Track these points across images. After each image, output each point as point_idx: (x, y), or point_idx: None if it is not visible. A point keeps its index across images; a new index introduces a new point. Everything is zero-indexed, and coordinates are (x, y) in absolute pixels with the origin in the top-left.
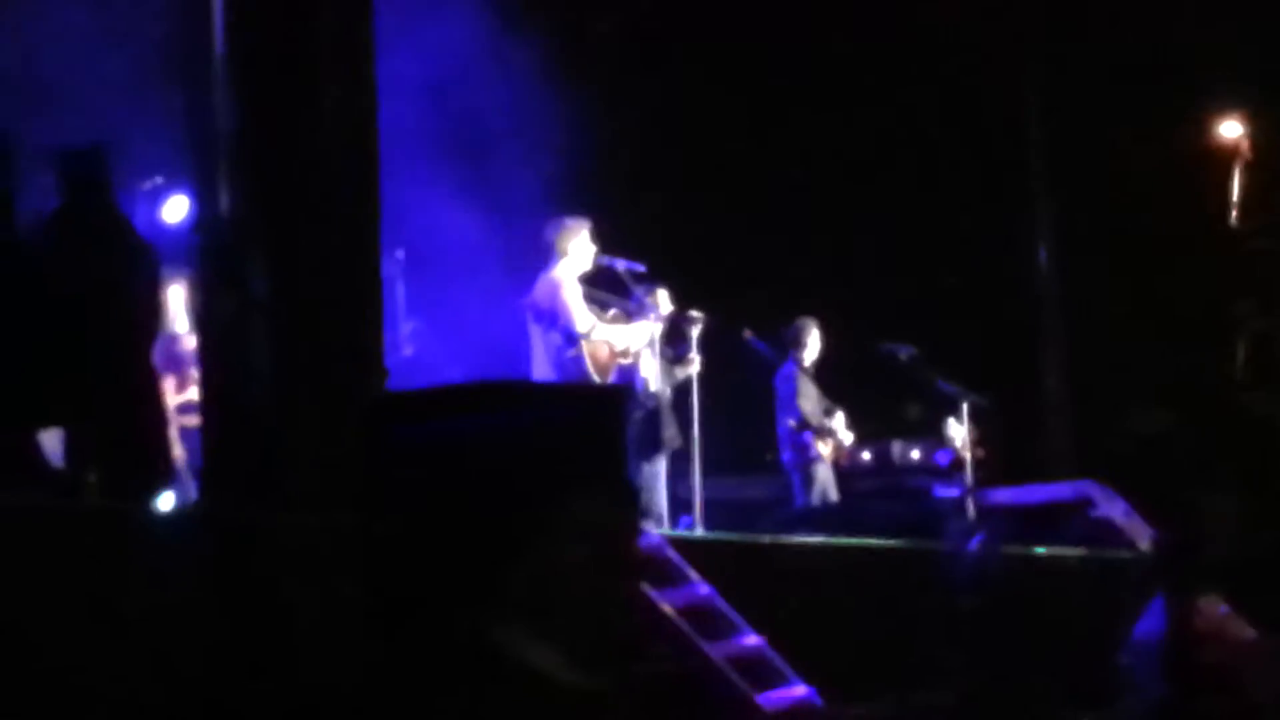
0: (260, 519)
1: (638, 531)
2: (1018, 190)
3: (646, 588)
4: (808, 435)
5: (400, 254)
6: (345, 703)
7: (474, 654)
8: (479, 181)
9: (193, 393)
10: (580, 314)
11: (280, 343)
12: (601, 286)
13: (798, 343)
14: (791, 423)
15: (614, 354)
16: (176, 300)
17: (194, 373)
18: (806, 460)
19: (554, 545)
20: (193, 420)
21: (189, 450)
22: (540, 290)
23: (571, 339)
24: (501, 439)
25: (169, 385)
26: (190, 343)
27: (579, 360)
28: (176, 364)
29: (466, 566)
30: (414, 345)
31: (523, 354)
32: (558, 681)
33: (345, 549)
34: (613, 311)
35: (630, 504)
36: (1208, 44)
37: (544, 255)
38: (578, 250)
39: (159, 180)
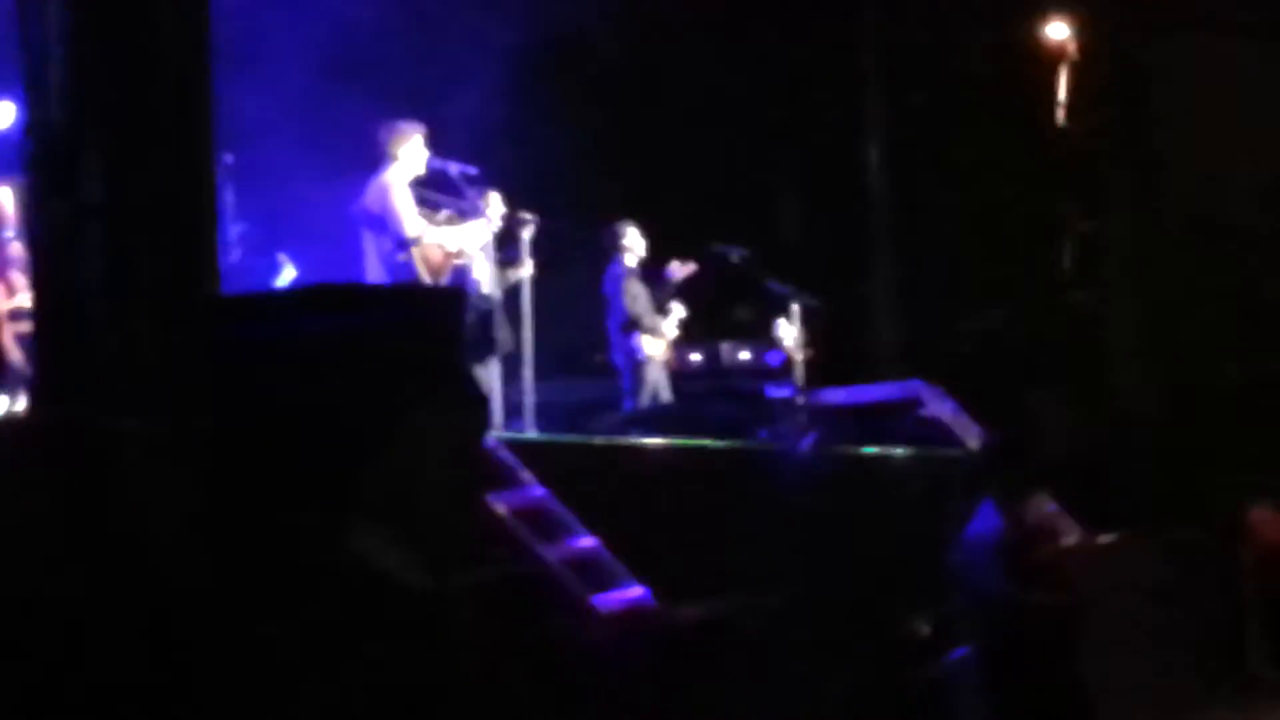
0: (96, 424)
1: (483, 434)
2: (848, 91)
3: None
4: (635, 336)
5: (229, 158)
6: (191, 608)
7: (321, 556)
8: (309, 86)
9: (21, 299)
10: (410, 218)
11: (113, 248)
12: (434, 189)
13: (617, 245)
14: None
15: (447, 257)
16: (6, 205)
17: (23, 279)
18: (636, 361)
19: (401, 448)
20: (24, 326)
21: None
22: (371, 194)
23: (402, 243)
24: (341, 342)
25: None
26: (19, 248)
27: (410, 264)
28: (4, 271)
29: (312, 470)
30: (242, 249)
31: (354, 258)
32: (405, 584)
33: (184, 454)
34: (445, 213)
35: (475, 407)
36: None
37: (376, 159)
38: (409, 154)
39: None
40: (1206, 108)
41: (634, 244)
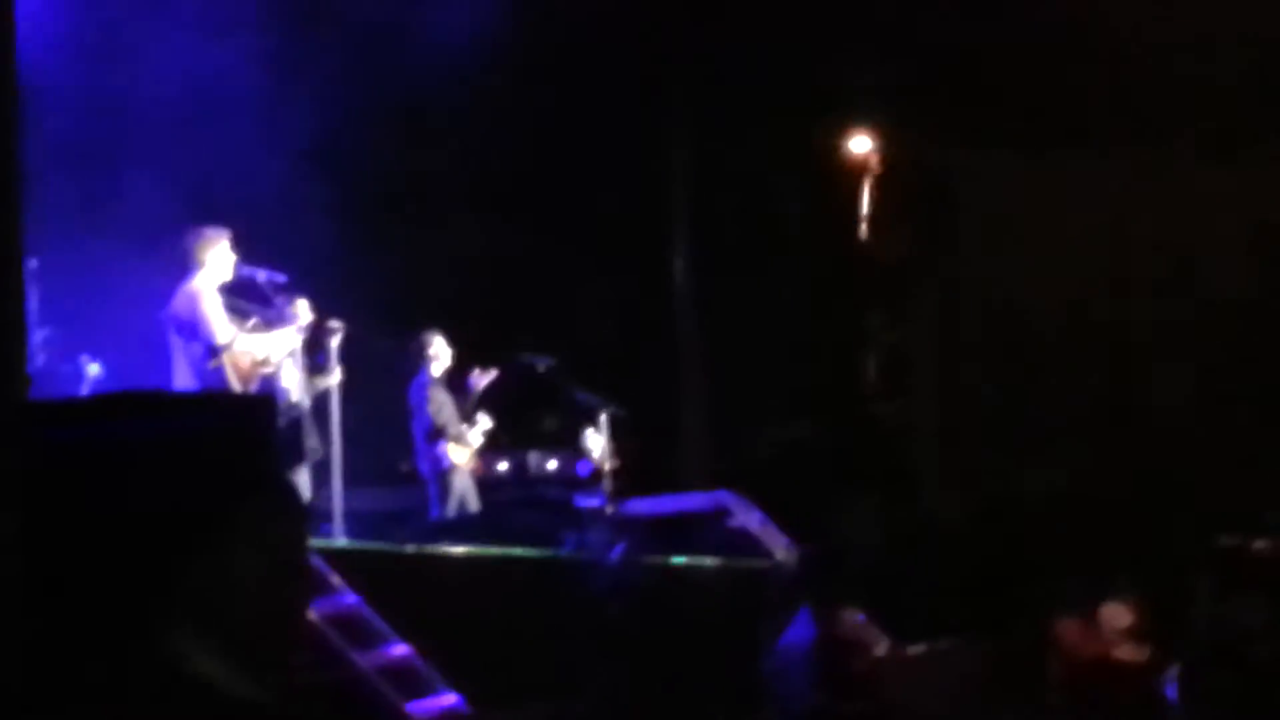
0: None
1: (306, 538)
2: (657, 202)
3: None
4: (441, 444)
5: (34, 262)
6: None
7: (139, 660)
8: (116, 191)
9: None
10: (220, 325)
11: None
12: (241, 296)
13: (423, 354)
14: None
15: (255, 364)
16: None
17: None
18: (441, 470)
19: (222, 553)
20: None
21: None
22: (180, 301)
23: (213, 350)
24: (153, 447)
25: None
26: None
27: (220, 371)
28: None
29: (127, 573)
30: (46, 354)
31: (162, 365)
32: (224, 691)
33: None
34: (253, 320)
35: (297, 511)
36: (842, 60)
37: (183, 265)
38: (217, 260)
39: None
40: (1007, 221)
41: (440, 353)
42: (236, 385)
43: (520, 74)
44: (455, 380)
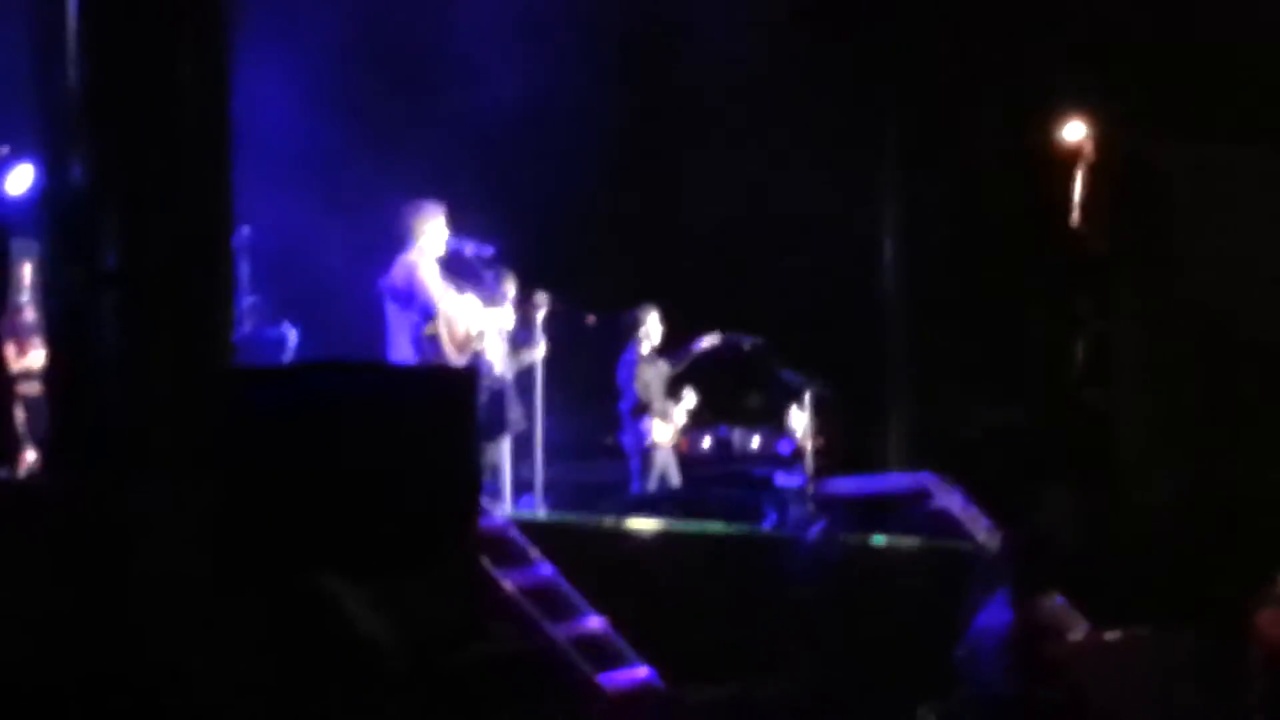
0: (108, 491)
1: (478, 514)
2: (867, 183)
3: (490, 567)
4: (645, 420)
5: (246, 230)
6: (191, 674)
7: (322, 625)
8: (330, 166)
9: (32, 359)
10: (438, 291)
11: (128, 316)
12: (452, 270)
13: (636, 329)
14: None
15: (469, 335)
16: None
17: (34, 340)
18: (643, 445)
19: (408, 523)
20: (32, 388)
21: (29, 418)
22: (398, 271)
23: (428, 316)
24: (353, 415)
25: (9, 352)
26: (30, 311)
27: (435, 339)
28: (15, 331)
29: (319, 539)
30: (253, 321)
31: (377, 334)
32: (381, 651)
33: (195, 519)
34: (466, 294)
35: (473, 487)
36: (1056, 46)
37: (399, 238)
38: (432, 233)
39: (5, 150)
40: (1220, 211)
41: (652, 329)
42: (452, 353)
43: (732, 57)
44: (664, 356)
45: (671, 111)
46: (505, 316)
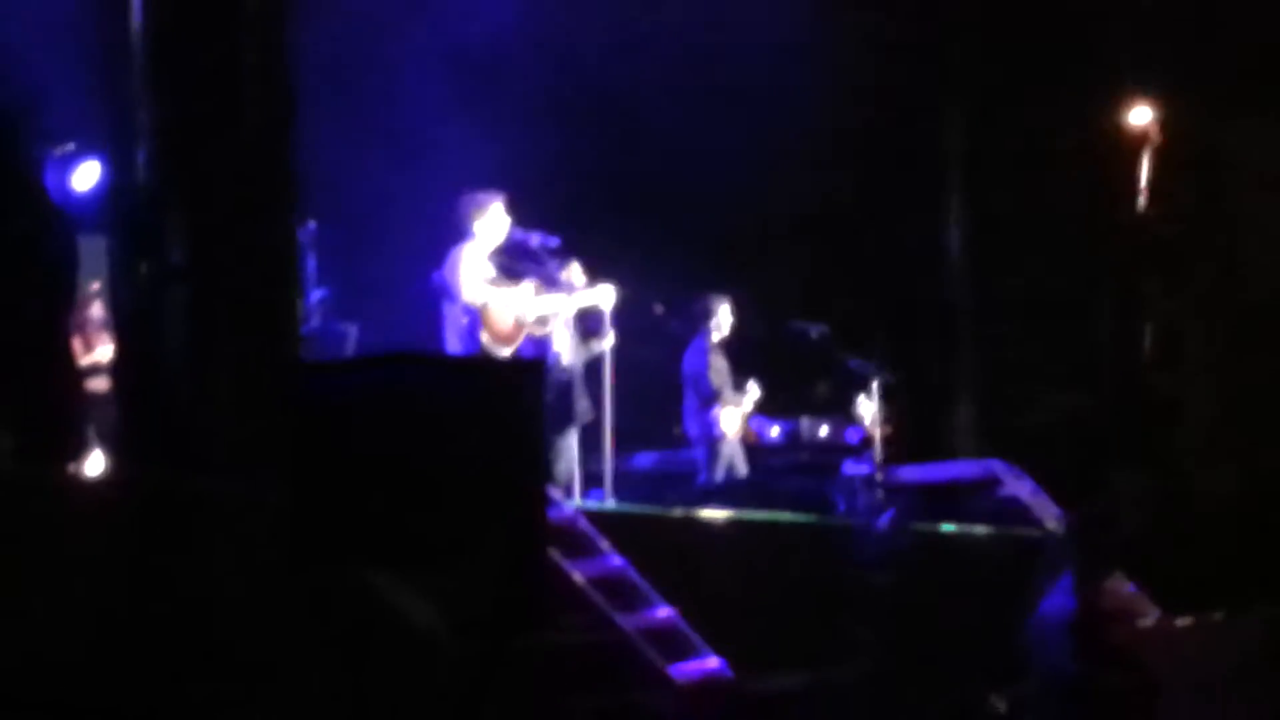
0: (178, 484)
1: (545, 503)
2: (931, 169)
3: (560, 558)
4: (713, 410)
5: (312, 225)
6: (265, 669)
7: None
8: (397, 156)
9: (98, 354)
10: (470, 285)
11: (196, 311)
12: (519, 260)
13: (707, 318)
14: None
15: (518, 326)
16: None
17: (100, 335)
18: (711, 435)
19: (461, 514)
20: (99, 383)
21: (95, 413)
22: (447, 264)
23: (466, 310)
24: (421, 408)
25: (76, 348)
26: (97, 307)
27: (474, 331)
28: (82, 327)
29: (382, 528)
30: (321, 315)
31: (436, 327)
32: (437, 642)
33: (263, 514)
34: (528, 283)
35: (540, 476)
36: (1121, 29)
37: (458, 230)
38: (490, 224)
39: (71, 147)
40: None
41: (723, 319)
42: (493, 346)
43: (797, 48)
44: (732, 347)
45: (743, 105)
46: (565, 305)
